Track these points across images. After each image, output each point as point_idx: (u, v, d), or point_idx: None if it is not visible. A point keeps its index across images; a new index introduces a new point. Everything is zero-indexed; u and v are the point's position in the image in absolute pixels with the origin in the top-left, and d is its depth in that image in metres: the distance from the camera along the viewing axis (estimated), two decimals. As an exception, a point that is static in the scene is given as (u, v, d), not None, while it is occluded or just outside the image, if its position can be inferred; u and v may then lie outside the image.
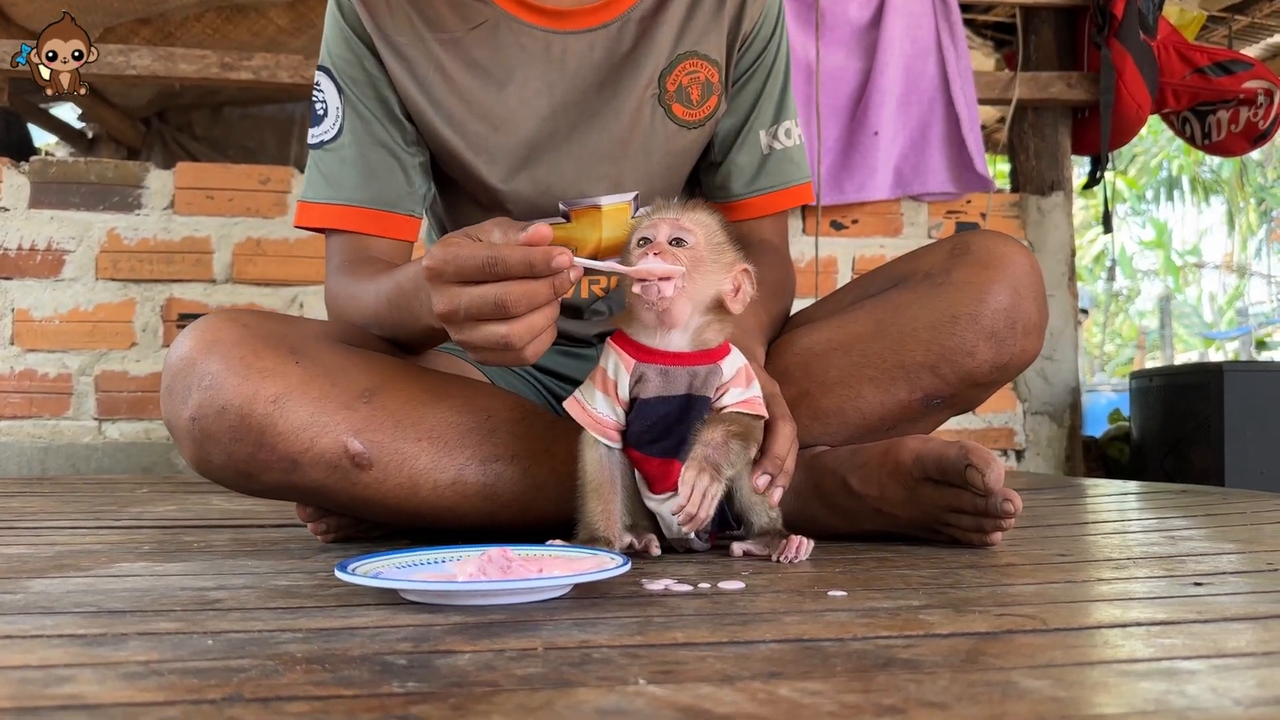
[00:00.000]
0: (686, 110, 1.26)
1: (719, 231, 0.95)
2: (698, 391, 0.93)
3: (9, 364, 2.68)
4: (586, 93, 1.23)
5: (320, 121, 1.23)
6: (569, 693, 0.50)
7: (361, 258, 1.21)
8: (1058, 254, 3.10)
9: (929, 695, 0.49)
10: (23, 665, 0.56)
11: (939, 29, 2.99)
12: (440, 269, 0.85)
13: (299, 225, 1.24)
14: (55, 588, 0.83)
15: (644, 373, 0.93)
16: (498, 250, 0.83)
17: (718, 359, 0.94)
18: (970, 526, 1.03)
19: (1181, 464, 2.93)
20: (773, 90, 1.32)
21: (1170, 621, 0.67)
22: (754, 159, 1.32)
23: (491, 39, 1.21)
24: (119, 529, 1.31)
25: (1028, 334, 1.12)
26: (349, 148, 1.21)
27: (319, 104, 1.24)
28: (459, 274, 0.84)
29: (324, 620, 0.69)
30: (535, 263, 0.82)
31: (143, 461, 2.69)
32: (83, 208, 2.71)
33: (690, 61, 1.25)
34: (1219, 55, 3.16)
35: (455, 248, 0.85)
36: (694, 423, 0.93)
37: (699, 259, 0.91)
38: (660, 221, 0.93)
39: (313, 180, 1.23)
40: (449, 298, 0.85)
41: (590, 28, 1.23)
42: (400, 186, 1.23)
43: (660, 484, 0.96)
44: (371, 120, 1.22)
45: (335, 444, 0.98)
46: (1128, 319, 13.76)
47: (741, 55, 1.28)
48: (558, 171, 1.24)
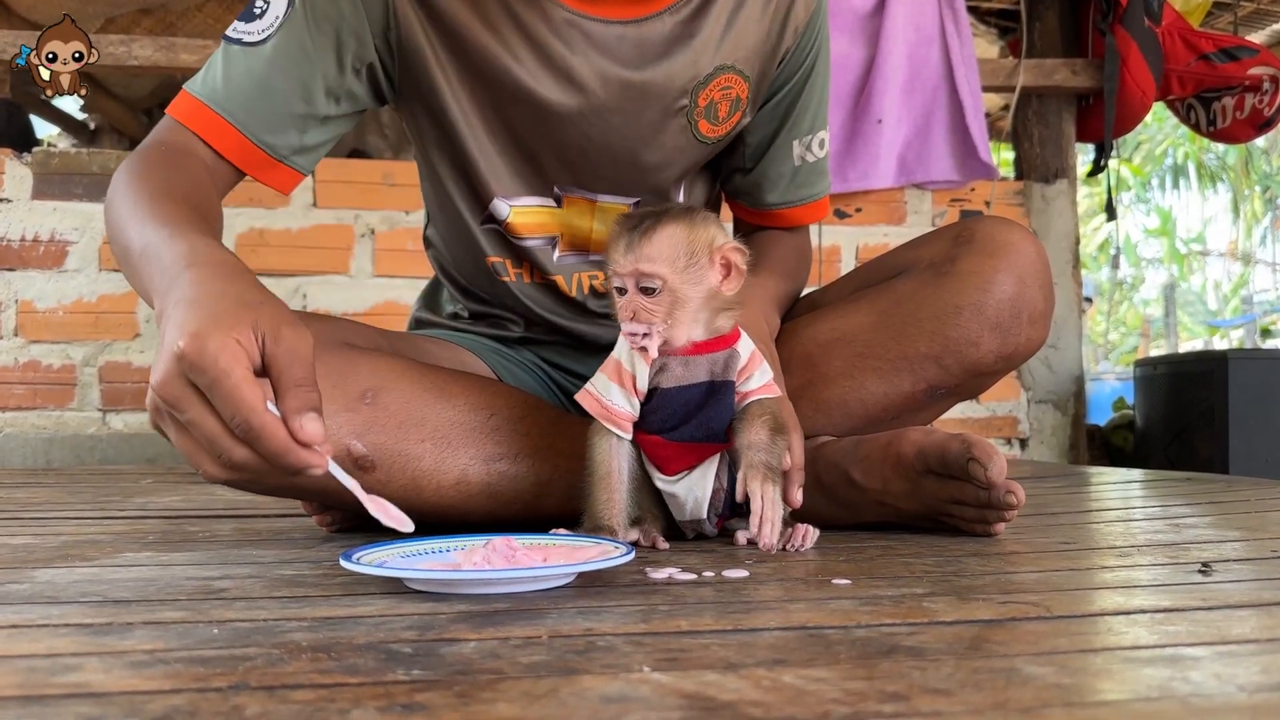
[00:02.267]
0: (712, 127, 1.19)
1: (683, 241, 0.90)
2: (719, 377, 0.94)
3: (13, 355, 2.68)
4: (608, 86, 1.13)
5: (252, 19, 1.09)
6: (574, 680, 0.50)
7: (182, 162, 1.05)
8: (1062, 242, 3.09)
9: (933, 682, 0.49)
10: (29, 654, 0.56)
11: (943, 16, 2.98)
12: (192, 368, 0.69)
13: (169, 112, 1.09)
14: (61, 577, 0.83)
15: (665, 363, 0.94)
16: (259, 424, 0.69)
17: (733, 343, 0.95)
18: (973, 518, 1.03)
19: (1186, 452, 2.93)
20: (809, 101, 1.25)
21: (1174, 609, 0.67)
22: (785, 171, 1.27)
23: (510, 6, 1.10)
24: (124, 519, 1.31)
25: (1033, 323, 1.11)
26: (264, 64, 1.07)
27: (260, 2, 1.09)
28: (206, 389, 0.69)
29: (329, 609, 0.69)
30: (288, 465, 0.71)
31: (147, 452, 2.69)
32: (85, 199, 2.71)
33: (726, 76, 1.16)
34: (1224, 41, 3.14)
35: (226, 368, 0.68)
36: (717, 407, 0.94)
37: (672, 297, 0.90)
38: (624, 274, 0.90)
39: (210, 72, 1.09)
40: (176, 394, 0.70)
41: (623, 20, 1.12)
42: (291, 130, 1.10)
43: (674, 465, 0.97)
44: (308, 51, 1.08)
45: (338, 447, 0.97)
46: (1132, 307, 13.73)
47: (780, 71, 1.21)
48: (556, 161, 1.18)
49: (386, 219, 2.79)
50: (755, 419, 0.94)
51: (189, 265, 0.81)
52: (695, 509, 0.99)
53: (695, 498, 0.98)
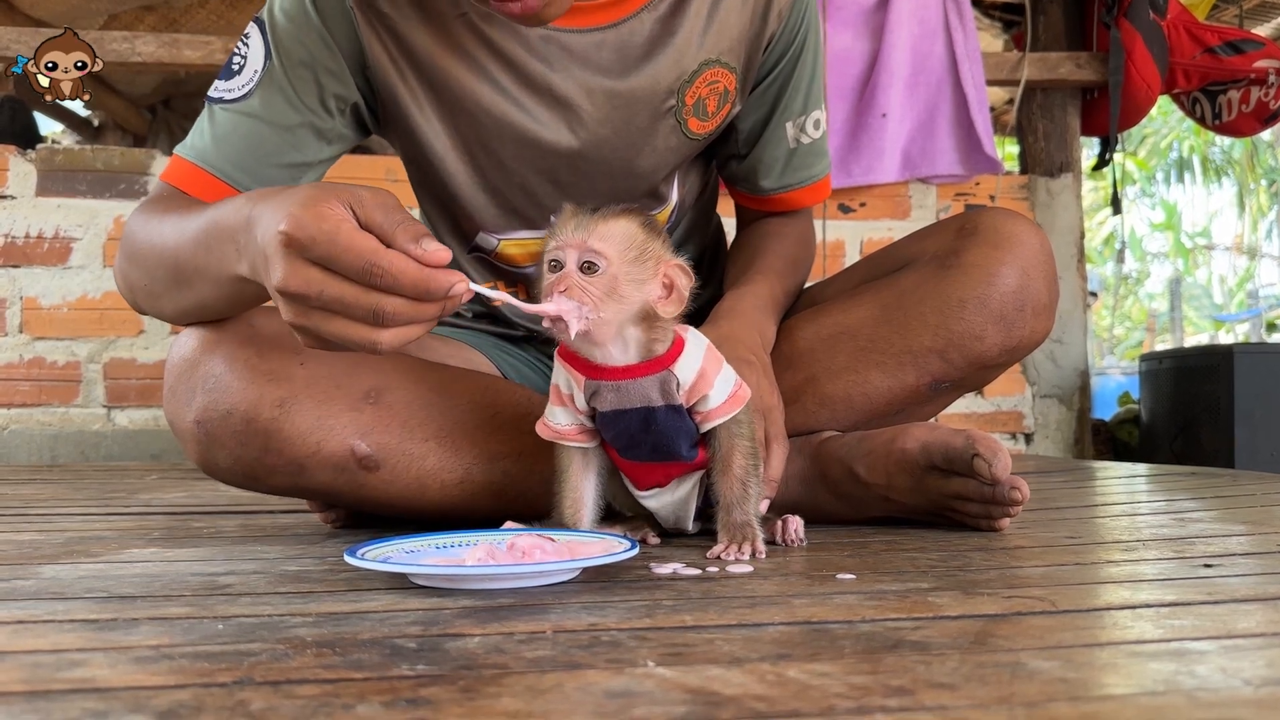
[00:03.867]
0: (701, 123, 1.16)
1: (637, 237, 0.85)
2: (656, 403, 0.87)
3: (18, 352, 2.69)
4: (593, 99, 1.10)
5: (231, 76, 1.08)
6: (578, 675, 0.50)
7: (187, 203, 1.04)
8: (1067, 236, 3.08)
9: (938, 676, 0.49)
10: (35, 650, 0.56)
11: (947, 10, 2.97)
12: (305, 245, 0.71)
13: (162, 178, 1.10)
14: (66, 573, 0.83)
15: (597, 388, 0.88)
16: (387, 261, 0.71)
17: (668, 365, 0.87)
18: (978, 514, 1.03)
19: (1191, 446, 2.93)
20: (800, 82, 1.21)
21: (1180, 603, 0.67)
22: (780, 154, 1.24)
23: (481, 30, 1.07)
24: (129, 515, 1.31)
25: (1037, 315, 1.11)
26: (248, 120, 1.07)
27: (237, 58, 1.08)
28: (326, 259, 0.72)
29: (334, 605, 0.69)
30: (433, 290, 0.72)
31: (151, 448, 2.70)
32: (89, 195, 2.72)
33: (712, 71, 1.13)
34: (1230, 34, 3.13)
35: (333, 228, 0.71)
36: (665, 431, 0.88)
37: (612, 283, 0.83)
38: (568, 246, 0.84)
39: (199, 134, 1.09)
40: (304, 279, 0.72)
41: (598, 26, 1.08)
42: (285, 179, 1.09)
43: (644, 481, 0.95)
44: (291, 100, 1.07)
45: (342, 447, 0.97)
46: (1137, 301, 13.71)
47: (766, 56, 1.17)
48: (550, 186, 1.15)
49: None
50: (727, 468, 0.89)
51: (250, 201, 0.81)
52: (676, 524, 0.98)
53: (676, 516, 0.97)
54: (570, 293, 0.82)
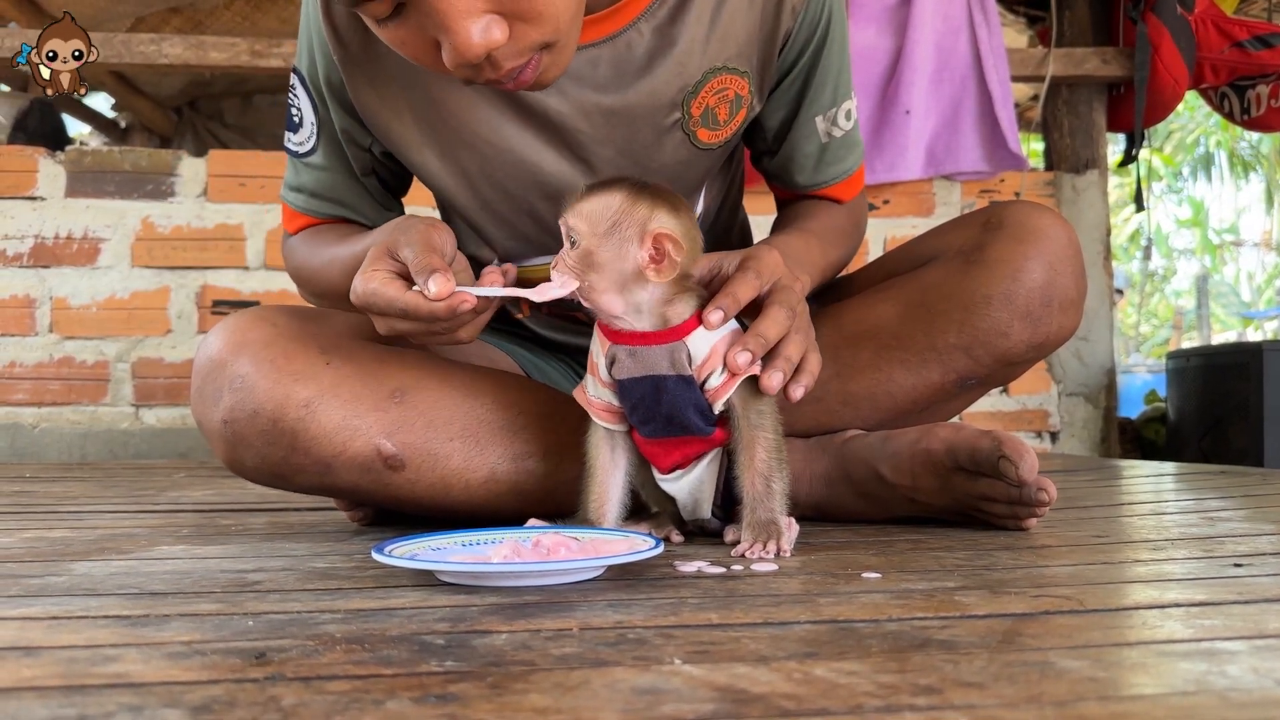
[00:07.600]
0: (712, 133, 1.10)
1: (613, 209, 0.87)
2: (666, 372, 0.89)
3: (48, 351, 2.72)
4: (590, 119, 1.06)
5: (296, 129, 1.18)
6: (605, 672, 0.50)
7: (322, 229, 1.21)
8: (1093, 233, 3.06)
9: (966, 675, 0.49)
10: (70, 645, 0.57)
11: (971, 6, 2.95)
12: (364, 305, 0.91)
13: (285, 227, 1.24)
14: (98, 570, 0.84)
15: (616, 354, 0.91)
16: (408, 305, 0.87)
17: (681, 336, 0.89)
18: (1004, 514, 1.02)
19: (1219, 445, 2.89)
20: (826, 75, 1.15)
21: (1209, 602, 0.66)
22: (813, 149, 1.19)
23: None
24: (158, 513, 1.33)
25: (1064, 310, 1.09)
26: (319, 171, 1.18)
27: (294, 110, 1.17)
28: (381, 312, 0.90)
29: (362, 601, 0.69)
30: (440, 317, 0.88)
31: (179, 446, 2.73)
32: (117, 196, 2.75)
33: (720, 79, 1.07)
34: (1258, 29, 3.09)
35: (372, 290, 0.90)
36: (673, 402, 0.90)
37: (586, 255, 0.87)
38: (561, 224, 0.91)
39: (297, 186, 1.21)
40: (382, 324, 0.92)
41: (593, 42, 1.02)
42: (372, 213, 1.21)
43: (664, 462, 0.94)
44: (342, 151, 1.17)
45: (368, 447, 0.98)
46: (1164, 299, 13.57)
47: (784, 54, 1.11)
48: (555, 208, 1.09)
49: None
50: (750, 462, 0.89)
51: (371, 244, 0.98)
52: (695, 509, 0.97)
53: (695, 499, 0.96)
54: (559, 266, 0.90)
